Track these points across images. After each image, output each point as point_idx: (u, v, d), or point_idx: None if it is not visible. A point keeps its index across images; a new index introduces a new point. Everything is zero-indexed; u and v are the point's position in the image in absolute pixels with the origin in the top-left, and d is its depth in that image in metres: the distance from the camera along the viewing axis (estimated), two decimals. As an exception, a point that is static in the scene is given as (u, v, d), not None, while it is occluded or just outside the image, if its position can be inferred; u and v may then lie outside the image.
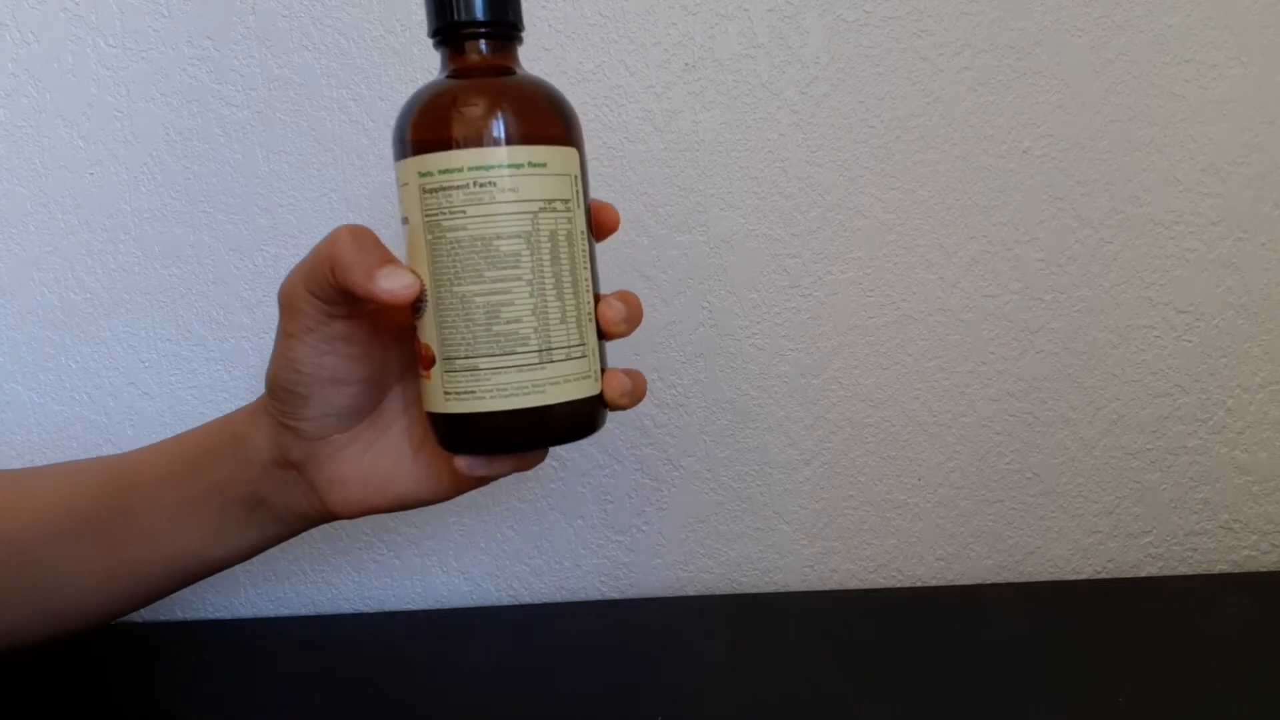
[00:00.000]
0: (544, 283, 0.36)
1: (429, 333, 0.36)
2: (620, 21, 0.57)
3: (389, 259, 0.36)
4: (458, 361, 0.36)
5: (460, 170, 0.35)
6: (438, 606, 0.61)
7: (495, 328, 0.35)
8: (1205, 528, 0.60)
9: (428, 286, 0.36)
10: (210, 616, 0.61)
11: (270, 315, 0.59)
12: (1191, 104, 0.56)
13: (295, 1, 0.57)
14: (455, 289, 0.35)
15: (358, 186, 0.58)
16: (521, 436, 0.36)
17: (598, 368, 0.38)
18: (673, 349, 0.59)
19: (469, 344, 0.35)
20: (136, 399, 0.60)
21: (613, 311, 0.37)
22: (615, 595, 0.61)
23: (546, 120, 0.37)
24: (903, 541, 0.60)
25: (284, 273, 0.58)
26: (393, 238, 0.59)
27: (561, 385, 0.36)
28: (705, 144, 0.57)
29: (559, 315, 0.36)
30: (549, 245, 0.36)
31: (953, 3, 0.56)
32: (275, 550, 0.61)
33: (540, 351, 0.36)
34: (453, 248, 0.35)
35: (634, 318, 0.38)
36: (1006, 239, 0.57)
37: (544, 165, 0.36)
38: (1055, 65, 0.56)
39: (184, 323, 0.59)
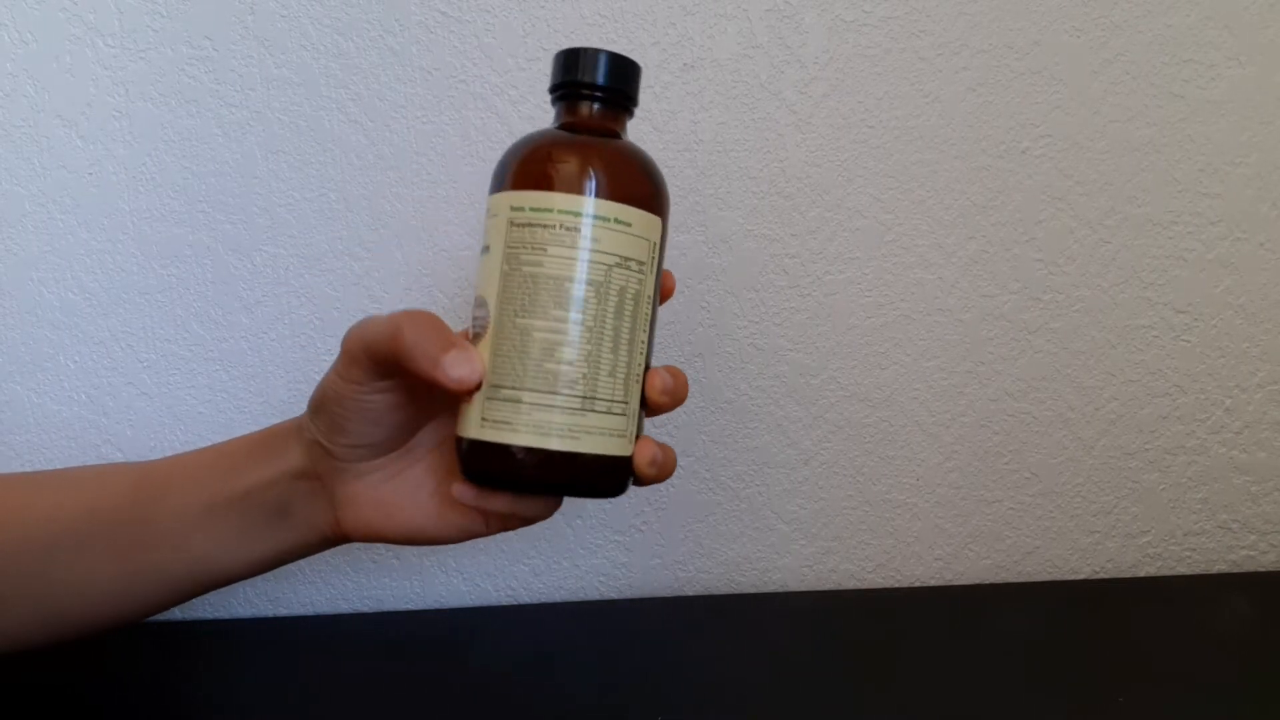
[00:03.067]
0: (603, 333, 0.36)
1: (483, 356, 0.37)
2: (619, 21, 0.57)
3: (453, 342, 0.36)
4: (503, 390, 0.36)
5: (551, 211, 0.36)
6: (437, 606, 0.61)
7: (547, 365, 0.36)
8: (1204, 528, 0.60)
9: (492, 312, 0.37)
10: (208, 616, 0.61)
11: (269, 315, 0.59)
12: (1190, 104, 0.56)
13: (294, 2, 0.57)
14: (518, 320, 0.36)
15: (356, 186, 0.58)
16: (544, 478, 0.36)
17: (634, 431, 0.38)
18: (671, 349, 0.59)
19: (518, 375, 0.36)
20: (135, 399, 0.60)
21: (660, 381, 0.38)
22: (614, 595, 0.61)
23: (640, 185, 0.38)
24: (901, 541, 0.60)
25: (283, 273, 0.58)
26: (389, 239, 0.59)
27: (596, 437, 0.36)
28: (704, 144, 0.57)
29: (609, 368, 0.37)
30: (616, 300, 0.37)
31: (951, 3, 0.56)
32: (274, 550, 0.61)
33: (584, 398, 0.36)
34: (525, 281, 0.36)
35: (679, 393, 0.39)
36: (1005, 239, 0.58)
37: (629, 225, 0.37)
38: (1054, 65, 0.56)
39: (182, 323, 0.59)
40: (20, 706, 0.48)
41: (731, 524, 0.60)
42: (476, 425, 0.37)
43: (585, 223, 0.36)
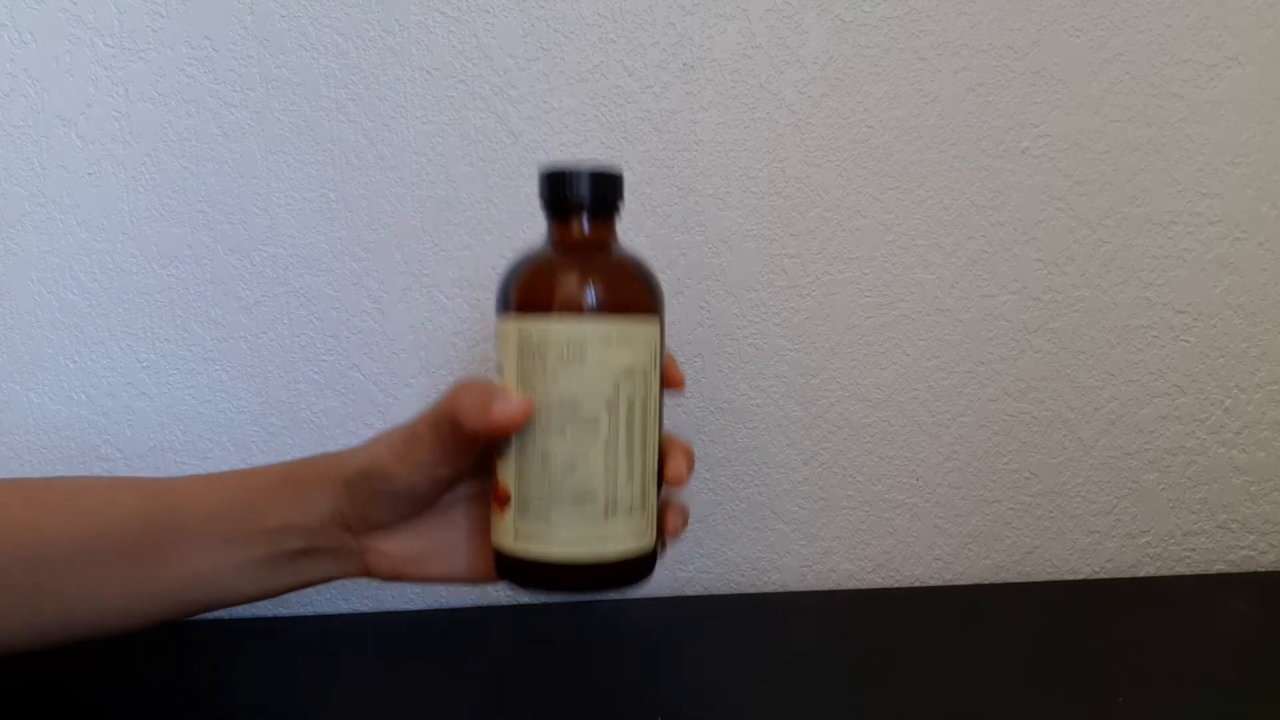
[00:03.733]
0: (617, 445, 0.39)
1: (508, 474, 0.39)
2: (619, 21, 0.57)
3: (500, 392, 0.38)
4: (532, 508, 0.39)
5: (558, 338, 0.38)
6: (437, 606, 0.61)
7: (569, 483, 0.38)
8: (1203, 527, 0.60)
9: (514, 436, 0.39)
10: (209, 617, 0.61)
11: (268, 315, 0.59)
12: (1189, 104, 0.56)
13: (293, 2, 0.57)
14: (538, 442, 0.39)
15: (356, 186, 0.58)
16: (578, 585, 0.40)
17: (654, 520, 0.41)
18: (672, 349, 0.59)
19: (544, 494, 0.39)
20: (134, 399, 0.60)
21: (676, 471, 0.40)
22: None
23: (636, 296, 0.41)
24: (901, 541, 0.60)
25: (283, 272, 0.58)
26: (398, 238, 0.58)
27: (622, 541, 0.39)
28: (704, 144, 0.57)
29: (627, 474, 0.39)
30: (625, 411, 0.39)
31: (951, 3, 0.56)
32: (274, 550, 0.61)
33: (607, 508, 0.39)
34: (541, 405, 0.38)
35: (691, 470, 0.41)
36: (1005, 239, 0.58)
37: (632, 338, 0.39)
38: (1054, 65, 0.56)
39: (182, 323, 0.59)
40: (20, 706, 0.48)
41: (731, 524, 0.60)
42: (510, 539, 0.40)
43: (591, 346, 0.38)
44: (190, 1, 0.57)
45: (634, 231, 0.58)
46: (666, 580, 0.61)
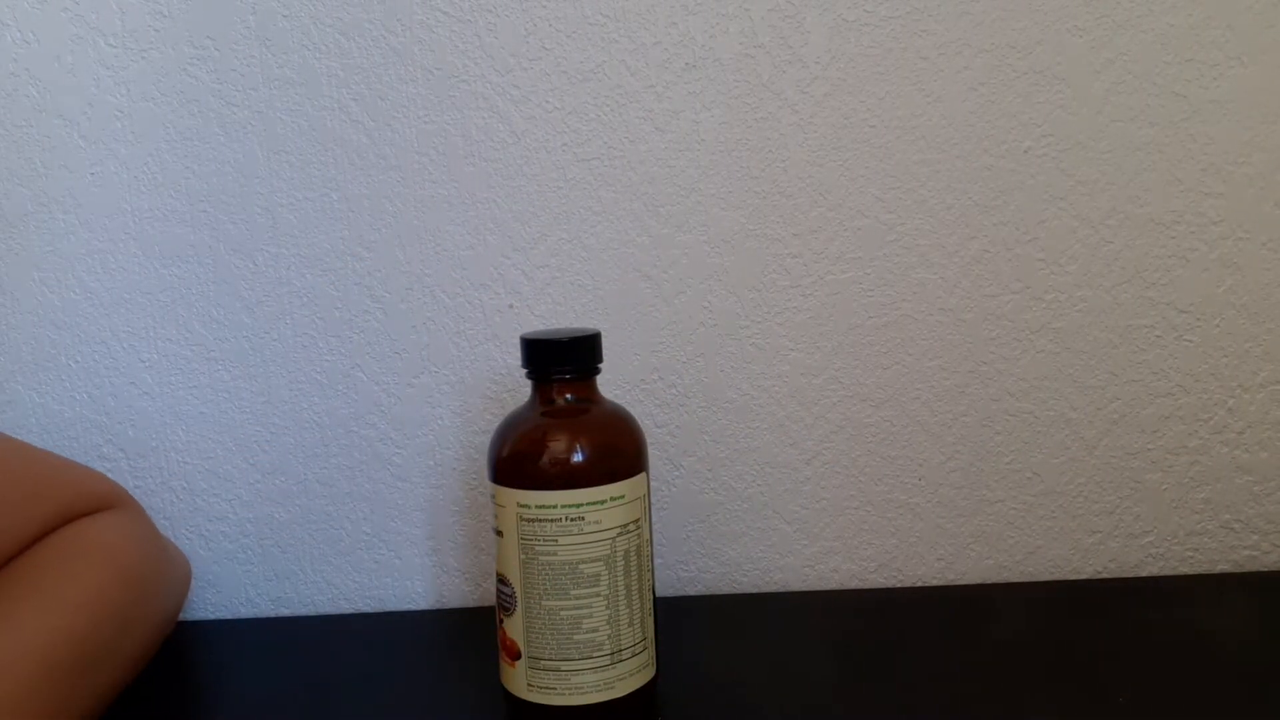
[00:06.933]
0: (618, 596, 0.42)
1: (517, 630, 0.42)
2: (621, 21, 0.57)
3: None
4: (543, 661, 0.42)
5: (555, 507, 0.41)
6: (438, 606, 0.61)
7: (577, 636, 0.41)
8: (1206, 527, 0.60)
9: (518, 593, 0.42)
10: (210, 616, 0.61)
11: (270, 314, 0.59)
12: (1192, 103, 0.56)
13: (296, 1, 0.57)
14: (545, 603, 0.41)
15: (358, 186, 0.58)
16: None
17: (653, 652, 0.44)
18: (673, 348, 0.59)
19: (554, 649, 0.42)
20: (137, 399, 0.60)
21: None
22: (616, 595, 0.61)
23: (627, 455, 0.43)
24: (903, 541, 0.60)
25: (286, 272, 0.58)
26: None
27: (627, 679, 0.43)
28: (706, 143, 0.57)
29: (628, 619, 0.42)
30: (623, 563, 0.42)
31: (953, 2, 0.56)
32: (275, 550, 0.61)
33: (612, 654, 0.42)
34: (544, 569, 0.41)
35: None
36: (1007, 239, 0.57)
37: (622, 497, 0.42)
38: (1056, 65, 0.56)
39: (184, 322, 0.59)
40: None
41: (733, 524, 0.60)
42: (524, 689, 0.42)
43: (587, 510, 0.41)
44: (192, 1, 0.57)
45: (636, 232, 0.58)
46: (667, 580, 0.61)
